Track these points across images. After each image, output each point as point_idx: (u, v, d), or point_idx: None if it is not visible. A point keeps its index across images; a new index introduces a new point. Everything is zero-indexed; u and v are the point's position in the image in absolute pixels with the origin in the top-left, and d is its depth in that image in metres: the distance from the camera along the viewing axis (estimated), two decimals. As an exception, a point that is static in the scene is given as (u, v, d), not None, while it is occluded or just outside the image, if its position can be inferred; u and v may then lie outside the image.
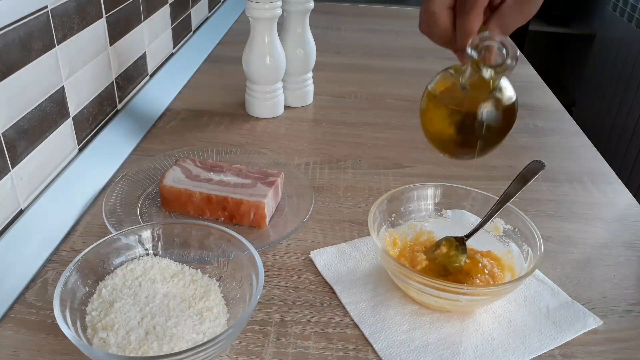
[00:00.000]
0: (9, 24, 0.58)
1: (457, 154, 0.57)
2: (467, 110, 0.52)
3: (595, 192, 0.79)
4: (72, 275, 0.51)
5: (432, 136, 0.56)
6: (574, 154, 0.89)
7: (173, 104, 1.00)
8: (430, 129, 0.55)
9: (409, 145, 0.89)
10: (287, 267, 0.62)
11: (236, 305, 0.54)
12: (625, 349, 0.54)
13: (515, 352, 0.53)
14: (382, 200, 0.61)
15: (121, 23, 0.85)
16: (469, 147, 0.54)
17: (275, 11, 0.87)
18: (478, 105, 0.50)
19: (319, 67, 1.03)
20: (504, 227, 0.62)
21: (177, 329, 0.49)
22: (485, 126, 0.51)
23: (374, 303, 0.58)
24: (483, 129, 0.51)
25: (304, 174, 0.78)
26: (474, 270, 0.58)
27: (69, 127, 0.72)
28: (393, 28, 1.48)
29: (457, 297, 0.53)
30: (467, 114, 0.52)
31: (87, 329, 0.50)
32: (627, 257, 0.66)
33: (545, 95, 1.11)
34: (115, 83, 0.85)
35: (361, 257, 0.64)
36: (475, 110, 0.51)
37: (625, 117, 2.05)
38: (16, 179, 0.61)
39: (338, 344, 0.53)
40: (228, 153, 0.81)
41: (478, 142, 0.53)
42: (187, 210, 0.69)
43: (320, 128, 0.94)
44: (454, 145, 0.55)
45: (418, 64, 1.23)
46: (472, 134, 0.52)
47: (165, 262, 0.57)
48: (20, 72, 0.60)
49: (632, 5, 2.06)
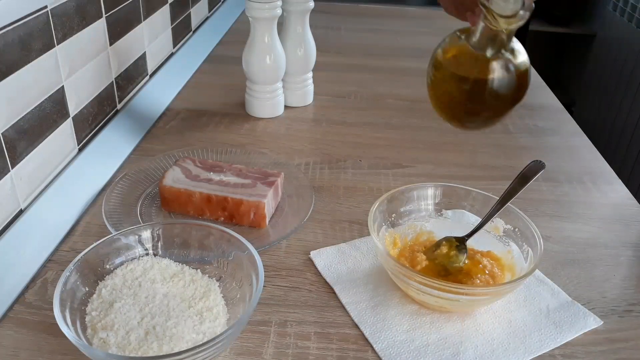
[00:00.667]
0: (9, 24, 0.58)
1: (465, 121, 0.54)
2: (478, 73, 0.49)
3: (595, 192, 0.79)
4: (72, 275, 0.51)
5: (440, 103, 0.53)
6: (574, 154, 0.89)
7: (173, 104, 1.00)
8: (439, 95, 0.53)
9: (409, 145, 0.89)
10: (287, 267, 0.62)
11: (236, 305, 0.54)
12: (625, 349, 0.54)
13: (515, 352, 0.53)
14: (382, 201, 0.61)
15: (121, 23, 0.85)
16: (478, 114, 0.51)
17: (275, 11, 0.87)
18: (489, 66, 0.48)
19: (319, 67, 1.03)
20: (504, 227, 0.62)
21: (177, 329, 0.49)
22: (496, 89, 0.48)
23: (374, 303, 0.57)
24: (494, 91, 0.48)
25: (304, 174, 0.78)
26: (474, 270, 0.58)
27: (68, 127, 0.72)
28: (393, 28, 1.48)
29: (457, 297, 0.53)
30: (477, 77, 0.49)
31: (87, 329, 0.50)
32: (627, 257, 0.66)
33: (545, 95, 1.11)
34: (115, 83, 0.85)
35: (361, 257, 0.64)
36: (486, 72, 0.48)
37: (625, 117, 2.05)
38: (16, 179, 0.61)
39: (338, 344, 0.53)
40: (228, 153, 0.81)
41: (487, 108, 0.50)
42: (187, 210, 0.69)
43: (320, 128, 0.94)
44: (463, 112, 0.53)
45: (418, 64, 1.22)
46: (482, 99, 0.49)
47: (165, 262, 0.57)
48: (20, 72, 0.60)
49: (632, 5, 2.06)
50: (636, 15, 2.04)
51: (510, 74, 0.49)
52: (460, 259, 0.59)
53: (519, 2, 0.45)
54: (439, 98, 0.53)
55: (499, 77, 0.49)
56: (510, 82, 0.49)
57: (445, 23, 1.70)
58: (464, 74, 0.51)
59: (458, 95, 0.51)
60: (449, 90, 0.52)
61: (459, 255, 0.59)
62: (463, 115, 0.54)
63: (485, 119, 0.52)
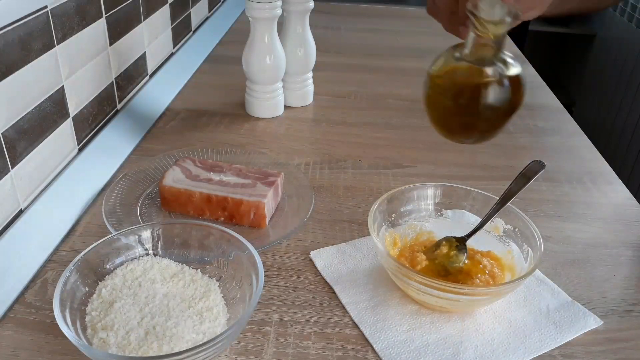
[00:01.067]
0: (9, 24, 0.58)
1: (463, 136, 0.55)
2: (471, 85, 0.50)
3: (595, 192, 0.79)
4: (72, 276, 0.51)
5: (437, 119, 0.53)
6: (574, 154, 0.89)
7: (173, 104, 1.00)
8: (435, 110, 0.53)
9: (409, 145, 0.89)
10: (287, 267, 0.62)
11: (236, 305, 0.54)
12: (625, 349, 0.54)
13: (515, 352, 0.53)
14: (382, 201, 0.61)
15: (121, 23, 0.85)
16: (475, 127, 0.52)
17: (275, 11, 0.87)
18: (482, 78, 0.49)
19: (319, 67, 1.03)
20: (504, 227, 0.62)
21: (177, 329, 0.49)
22: (490, 100, 0.49)
23: (374, 303, 0.57)
24: (488, 103, 0.49)
25: (304, 174, 0.78)
26: (474, 271, 0.58)
27: (68, 127, 0.72)
28: (393, 28, 1.48)
29: (457, 297, 0.53)
30: (471, 89, 0.50)
31: (87, 329, 0.50)
32: (627, 257, 0.66)
33: (545, 95, 1.11)
34: (115, 83, 0.85)
35: (361, 257, 0.64)
36: (479, 83, 0.49)
37: (625, 117, 2.05)
38: (16, 179, 0.61)
39: (338, 344, 0.53)
40: (228, 153, 0.81)
41: (483, 120, 0.50)
42: (187, 210, 0.69)
43: (320, 128, 0.94)
44: (459, 126, 0.53)
45: (418, 64, 1.22)
46: (476, 111, 0.50)
47: (165, 262, 0.57)
48: (20, 72, 0.60)
49: (632, 5, 2.06)
50: (636, 15, 2.04)
51: (504, 85, 0.49)
52: (460, 259, 0.59)
53: (505, 7, 0.47)
54: (434, 113, 0.54)
55: (493, 88, 0.49)
56: (504, 92, 0.49)
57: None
58: (457, 87, 0.51)
59: (453, 109, 0.52)
60: (443, 104, 0.53)
61: (459, 255, 0.59)
62: (460, 130, 0.54)
63: (482, 132, 0.53)
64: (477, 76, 0.50)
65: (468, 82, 0.50)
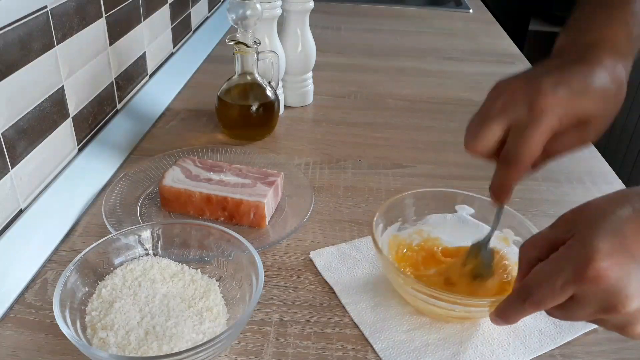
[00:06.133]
0: (9, 24, 0.58)
1: None
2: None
3: (595, 192, 0.79)
4: (71, 275, 0.51)
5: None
6: (574, 154, 0.88)
7: (173, 104, 1.00)
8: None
9: (409, 145, 0.89)
10: (287, 267, 0.62)
11: (236, 305, 0.54)
12: (625, 349, 0.54)
13: (515, 352, 0.53)
14: (385, 205, 0.60)
15: (121, 23, 0.85)
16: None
17: (275, 11, 0.87)
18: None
19: (319, 67, 1.03)
20: (513, 239, 0.60)
21: (176, 329, 0.49)
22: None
23: (374, 303, 0.57)
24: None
25: (304, 174, 0.78)
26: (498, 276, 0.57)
27: (68, 127, 0.72)
28: (393, 28, 1.48)
29: (453, 306, 0.52)
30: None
31: (87, 329, 0.50)
32: (627, 257, 0.66)
33: (545, 95, 1.11)
34: (115, 83, 0.85)
35: (361, 258, 0.64)
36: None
37: (625, 117, 2.05)
38: (16, 179, 0.61)
39: (338, 344, 0.53)
40: (228, 153, 0.81)
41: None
42: (187, 210, 0.69)
43: (320, 128, 0.94)
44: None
45: (418, 64, 1.22)
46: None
47: (165, 262, 0.57)
48: (20, 72, 0.60)
49: (632, 5, 2.06)
50: (636, 15, 2.04)
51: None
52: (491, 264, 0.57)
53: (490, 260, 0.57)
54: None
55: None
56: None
57: (445, 23, 1.70)
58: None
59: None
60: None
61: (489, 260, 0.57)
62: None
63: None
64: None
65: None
